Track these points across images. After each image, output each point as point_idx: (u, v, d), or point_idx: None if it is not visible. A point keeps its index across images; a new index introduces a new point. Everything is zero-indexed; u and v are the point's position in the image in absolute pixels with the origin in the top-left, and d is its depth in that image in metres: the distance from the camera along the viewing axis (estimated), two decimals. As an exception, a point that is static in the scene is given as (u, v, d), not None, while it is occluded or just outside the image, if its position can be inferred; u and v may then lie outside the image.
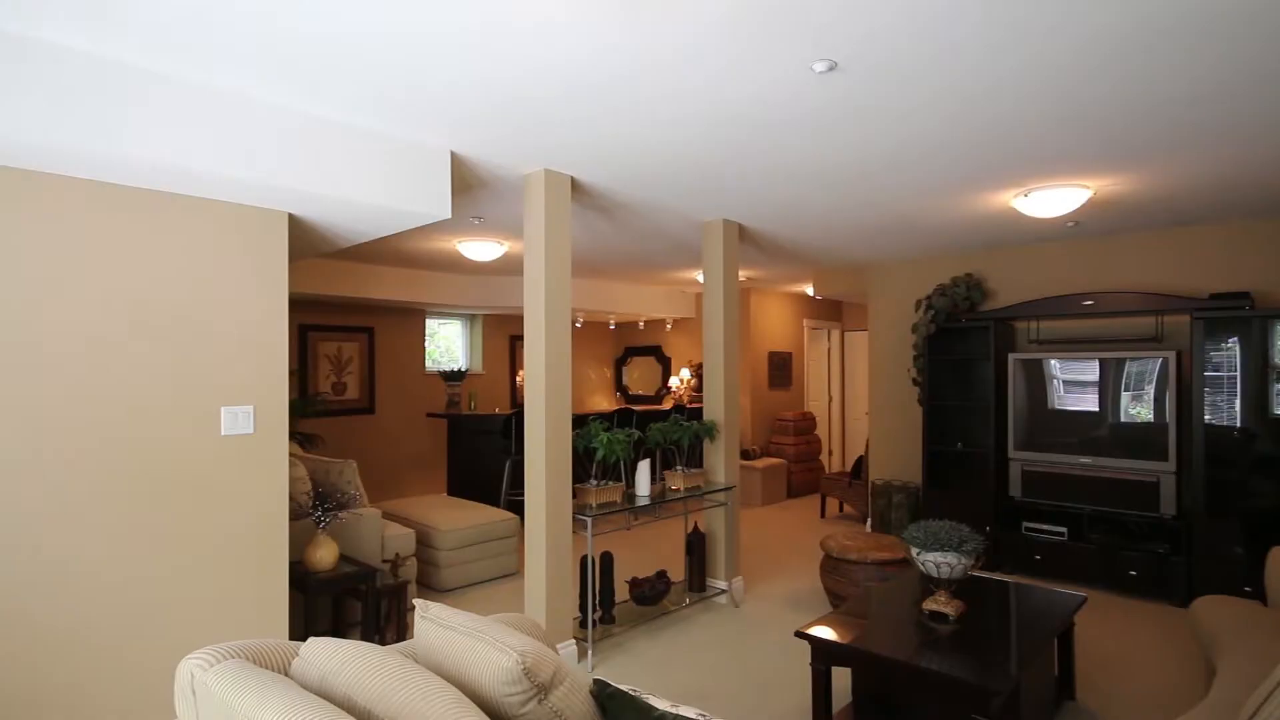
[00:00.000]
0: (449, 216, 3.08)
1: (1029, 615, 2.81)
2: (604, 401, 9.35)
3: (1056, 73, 2.32)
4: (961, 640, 2.54)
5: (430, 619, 1.55)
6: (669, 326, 8.82)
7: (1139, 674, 3.30)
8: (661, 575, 4.09)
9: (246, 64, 2.22)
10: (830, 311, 9.02)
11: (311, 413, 5.79)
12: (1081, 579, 4.61)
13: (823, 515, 6.88)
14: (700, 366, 7.91)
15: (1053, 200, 3.74)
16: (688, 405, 7.95)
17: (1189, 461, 4.34)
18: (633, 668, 3.39)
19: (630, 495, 3.90)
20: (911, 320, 5.96)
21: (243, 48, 2.11)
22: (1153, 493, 4.43)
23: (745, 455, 7.53)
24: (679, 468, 4.12)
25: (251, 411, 2.74)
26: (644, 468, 3.91)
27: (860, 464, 6.71)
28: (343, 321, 6.94)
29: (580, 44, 2.10)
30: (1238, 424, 4.23)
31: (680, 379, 8.45)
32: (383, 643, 3.51)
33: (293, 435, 5.17)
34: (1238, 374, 4.23)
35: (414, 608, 1.61)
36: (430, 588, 4.55)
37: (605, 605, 3.74)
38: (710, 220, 4.47)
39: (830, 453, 8.86)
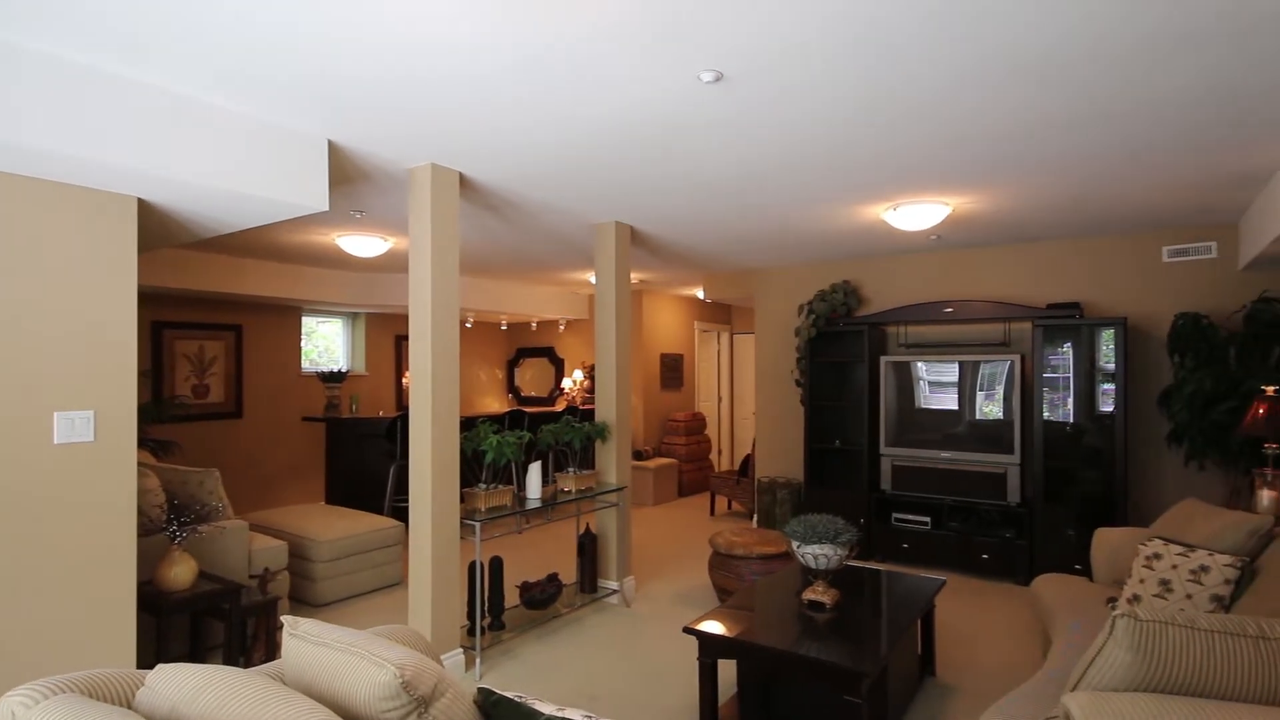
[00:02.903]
0: (326, 209, 2.90)
1: (896, 600, 3.02)
2: (495, 403, 9.16)
3: (924, 99, 2.52)
4: (837, 627, 2.69)
5: (300, 636, 1.45)
6: (562, 328, 8.77)
7: (990, 648, 3.63)
8: (553, 578, 4.06)
9: (87, 32, 1.99)
10: (720, 314, 9.29)
11: (167, 418, 5.27)
12: (943, 564, 5.01)
13: (712, 513, 7.08)
14: (593, 368, 7.93)
15: (917, 215, 4.05)
16: (581, 407, 7.94)
17: (1030, 454, 4.82)
18: (522, 673, 3.34)
19: (521, 498, 3.83)
20: (795, 324, 6.25)
21: (82, 12, 1.89)
22: (1001, 483, 4.89)
23: (637, 456, 7.62)
24: (571, 469, 4.10)
25: (91, 417, 2.46)
26: (535, 470, 3.86)
27: (748, 462, 6.96)
28: (206, 318, 6.37)
29: (459, 34, 2.05)
30: (1070, 420, 4.76)
31: (574, 380, 8.42)
32: (249, 665, 3.25)
33: (144, 443, 4.69)
34: (1070, 376, 4.76)
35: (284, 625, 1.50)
36: (305, 603, 4.28)
37: (495, 611, 3.65)
38: (602, 222, 4.48)
39: (720, 452, 9.12)
